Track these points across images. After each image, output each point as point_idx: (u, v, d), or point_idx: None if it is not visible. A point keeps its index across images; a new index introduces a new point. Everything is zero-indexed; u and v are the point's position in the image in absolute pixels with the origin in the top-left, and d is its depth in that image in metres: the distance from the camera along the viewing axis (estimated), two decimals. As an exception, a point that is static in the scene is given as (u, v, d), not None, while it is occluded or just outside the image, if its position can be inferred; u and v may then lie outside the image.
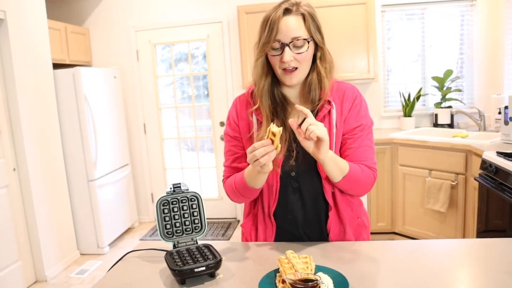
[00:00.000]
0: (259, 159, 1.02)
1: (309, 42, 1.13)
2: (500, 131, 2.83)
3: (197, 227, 1.17)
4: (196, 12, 3.93)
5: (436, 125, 3.60)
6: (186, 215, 1.17)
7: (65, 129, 3.38)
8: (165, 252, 1.11)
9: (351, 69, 3.47)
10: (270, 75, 1.21)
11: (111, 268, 1.14)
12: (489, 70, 3.57)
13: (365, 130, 1.22)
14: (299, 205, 1.23)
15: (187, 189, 1.18)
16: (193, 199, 1.17)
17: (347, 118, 1.22)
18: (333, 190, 1.22)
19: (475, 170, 2.60)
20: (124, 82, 4.11)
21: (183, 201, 1.17)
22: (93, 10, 4.07)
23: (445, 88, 3.57)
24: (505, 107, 2.69)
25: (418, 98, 3.63)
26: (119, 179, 3.83)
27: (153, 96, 4.15)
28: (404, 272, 0.99)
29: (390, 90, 3.88)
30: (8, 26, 2.80)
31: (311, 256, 1.00)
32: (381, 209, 3.35)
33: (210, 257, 1.06)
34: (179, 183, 1.18)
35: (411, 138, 3.13)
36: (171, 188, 1.17)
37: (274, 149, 1.02)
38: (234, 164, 1.28)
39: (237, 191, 1.22)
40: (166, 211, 1.15)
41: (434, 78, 3.60)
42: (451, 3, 3.63)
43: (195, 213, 1.17)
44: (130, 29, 4.05)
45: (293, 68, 1.14)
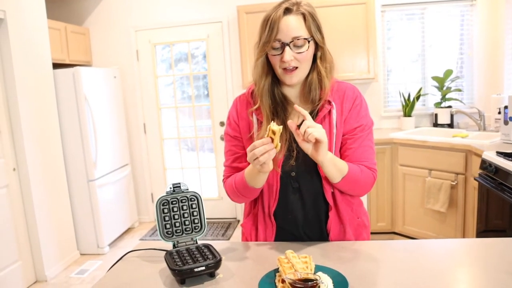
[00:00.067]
0: (258, 157, 1.02)
1: (309, 41, 1.13)
2: (500, 131, 2.83)
3: (197, 227, 1.17)
4: (196, 12, 3.93)
5: (436, 125, 3.60)
6: (186, 215, 1.17)
7: (65, 129, 3.38)
8: (165, 252, 1.11)
9: (351, 69, 3.47)
10: (271, 74, 1.21)
11: (111, 268, 1.14)
12: (489, 70, 3.57)
13: (365, 130, 1.22)
14: (299, 205, 1.23)
15: (187, 189, 1.18)
16: (193, 199, 1.17)
17: (347, 118, 1.22)
18: (333, 190, 1.22)
19: (475, 170, 2.60)
20: (124, 82, 4.11)
21: (183, 201, 1.17)
22: (93, 10, 4.07)
23: (445, 88, 3.57)
24: (505, 107, 2.69)
25: (418, 98, 3.63)
26: (119, 179, 3.83)
27: (153, 96, 4.15)
28: (404, 272, 0.99)
29: (390, 90, 3.88)
30: (8, 26, 2.80)
31: (310, 256, 1.00)
32: (381, 209, 3.35)
33: (210, 257, 1.06)
34: (179, 183, 1.18)
35: (411, 138, 3.13)
36: (171, 188, 1.17)
37: (274, 147, 1.02)
38: (235, 164, 1.28)
39: (237, 190, 1.22)
40: (166, 211, 1.15)
41: (434, 78, 3.60)
42: (451, 3, 3.63)
43: (195, 213, 1.17)
44: (130, 29, 4.05)
45: (294, 67, 1.14)
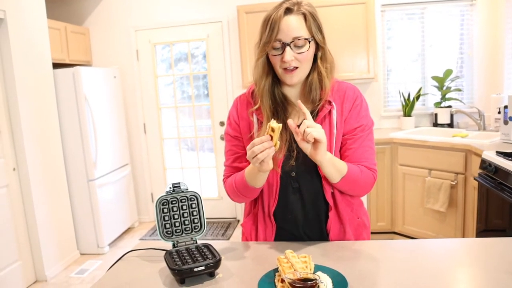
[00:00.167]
0: (257, 155, 1.02)
1: (310, 42, 1.13)
2: (499, 130, 2.83)
3: (196, 227, 1.17)
4: (196, 12, 3.93)
5: (436, 124, 3.60)
6: (185, 214, 1.17)
7: (65, 129, 3.38)
8: (165, 252, 1.11)
9: (351, 68, 3.47)
10: (271, 75, 1.21)
11: (110, 267, 1.14)
12: (489, 69, 3.57)
13: (365, 130, 1.22)
14: (299, 205, 1.23)
15: (187, 189, 1.18)
16: (192, 199, 1.17)
17: (347, 119, 1.21)
18: (332, 190, 1.22)
19: (475, 169, 2.60)
20: (124, 82, 4.11)
21: (183, 200, 1.17)
22: (93, 10, 4.07)
23: (445, 88, 3.57)
24: (505, 107, 2.69)
25: (418, 97, 3.63)
26: (119, 179, 3.83)
27: (153, 96, 4.15)
28: (403, 272, 0.99)
29: (390, 89, 3.88)
30: (8, 26, 2.80)
31: (310, 256, 1.00)
32: (381, 208, 3.35)
33: (210, 256, 1.06)
34: (179, 183, 1.18)
35: (411, 138, 3.13)
36: (170, 188, 1.17)
37: (273, 145, 1.02)
38: (235, 164, 1.28)
39: (237, 190, 1.22)
40: (165, 210, 1.15)
41: (434, 77, 3.60)
42: (451, 3, 3.63)
43: (194, 213, 1.17)
44: (130, 29, 4.05)
45: (294, 67, 1.14)
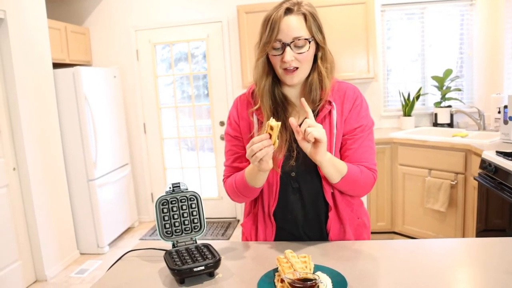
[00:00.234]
0: (256, 153, 1.02)
1: (310, 42, 1.13)
2: (499, 130, 2.83)
3: (196, 227, 1.18)
4: (196, 12, 3.93)
5: (435, 124, 3.60)
6: (185, 214, 1.17)
7: (65, 129, 3.38)
8: (164, 252, 1.11)
9: (351, 68, 3.47)
10: (271, 75, 1.21)
11: (110, 267, 1.14)
12: (489, 69, 3.57)
13: (365, 130, 1.22)
14: (299, 205, 1.23)
15: (186, 189, 1.18)
16: (192, 199, 1.17)
17: (347, 119, 1.21)
18: (332, 190, 1.22)
19: (475, 169, 2.60)
20: (124, 82, 4.11)
21: (182, 200, 1.17)
22: (93, 10, 4.07)
23: (444, 88, 3.57)
24: (505, 107, 2.69)
25: (417, 97, 3.63)
26: (119, 179, 3.83)
27: (153, 96, 4.15)
28: (403, 272, 0.99)
29: (390, 89, 3.87)
30: (8, 26, 2.80)
31: (310, 256, 1.00)
32: (381, 208, 3.35)
33: (209, 256, 1.06)
34: (178, 183, 1.18)
35: (411, 138, 3.13)
36: (170, 188, 1.17)
37: (271, 143, 1.02)
38: (235, 164, 1.28)
39: (237, 190, 1.22)
40: (165, 210, 1.15)
41: (434, 77, 3.60)
42: (450, 3, 3.63)
43: (194, 213, 1.17)
44: (130, 28, 4.05)
45: (294, 68, 1.14)
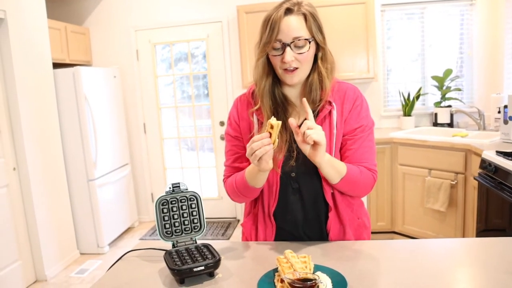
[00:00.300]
0: (256, 151, 1.02)
1: (310, 42, 1.13)
2: (499, 130, 2.83)
3: (196, 227, 1.18)
4: (196, 12, 3.93)
5: (435, 124, 3.60)
6: (185, 214, 1.17)
7: (65, 129, 3.38)
8: (164, 252, 1.11)
9: (351, 68, 3.47)
10: (271, 75, 1.21)
11: (110, 267, 1.14)
12: (489, 69, 3.57)
13: (365, 131, 1.22)
14: (299, 206, 1.23)
15: (186, 189, 1.18)
16: (192, 199, 1.17)
17: (347, 119, 1.21)
18: (332, 191, 1.22)
19: (475, 169, 2.60)
20: (124, 82, 4.11)
21: (182, 200, 1.17)
22: (93, 10, 4.07)
23: (444, 88, 3.57)
24: (505, 106, 2.69)
25: (417, 97, 3.63)
26: (119, 179, 3.83)
27: (153, 96, 4.15)
28: (403, 272, 0.99)
29: (390, 89, 3.87)
30: (8, 26, 2.80)
31: (309, 256, 1.00)
32: (381, 208, 3.35)
33: (209, 256, 1.06)
34: (178, 183, 1.18)
35: (411, 138, 3.13)
36: (170, 188, 1.17)
37: (271, 142, 1.02)
38: (235, 164, 1.28)
39: (237, 190, 1.22)
40: (165, 210, 1.15)
41: (434, 77, 3.60)
42: (450, 3, 3.63)
43: (194, 213, 1.17)
44: (130, 28, 4.05)
45: (294, 68, 1.14)
